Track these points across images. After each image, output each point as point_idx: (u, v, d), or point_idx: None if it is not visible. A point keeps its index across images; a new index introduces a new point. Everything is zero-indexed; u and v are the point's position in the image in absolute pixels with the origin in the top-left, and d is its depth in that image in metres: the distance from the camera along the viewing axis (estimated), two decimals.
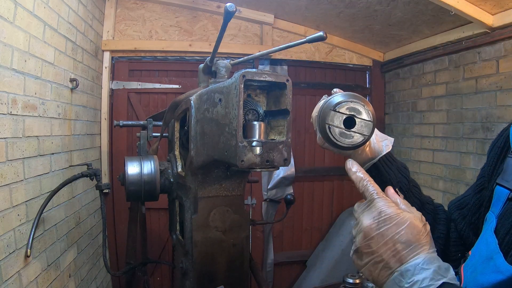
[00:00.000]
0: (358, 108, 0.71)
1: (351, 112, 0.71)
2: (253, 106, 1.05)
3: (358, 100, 0.71)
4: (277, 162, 0.96)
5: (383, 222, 0.56)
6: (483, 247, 0.62)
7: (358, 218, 0.60)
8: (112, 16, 2.87)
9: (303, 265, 3.42)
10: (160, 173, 1.48)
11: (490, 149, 0.77)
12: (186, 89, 2.62)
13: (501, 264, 0.55)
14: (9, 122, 1.48)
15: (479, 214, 0.75)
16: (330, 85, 3.40)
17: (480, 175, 0.80)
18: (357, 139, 0.72)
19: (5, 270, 1.43)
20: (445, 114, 2.76)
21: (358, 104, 0.71)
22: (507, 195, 0.63)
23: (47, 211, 1.83)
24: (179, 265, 1.45)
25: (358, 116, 0.71)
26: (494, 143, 0.77)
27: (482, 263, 0.59)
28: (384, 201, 0.58)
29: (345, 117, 0.71)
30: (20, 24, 1.55)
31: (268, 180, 3.23)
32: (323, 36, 1.11)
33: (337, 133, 0.71)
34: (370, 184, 0.60)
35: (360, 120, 0.71)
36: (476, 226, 0.77)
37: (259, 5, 2.97)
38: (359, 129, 0.71)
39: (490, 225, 0.63)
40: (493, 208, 0.66)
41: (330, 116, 0.71)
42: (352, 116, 0.71)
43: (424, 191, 0.89)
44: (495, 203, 0.66)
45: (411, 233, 0.55)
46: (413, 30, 2.79)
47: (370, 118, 0.71)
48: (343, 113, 0.71)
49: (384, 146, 0.82)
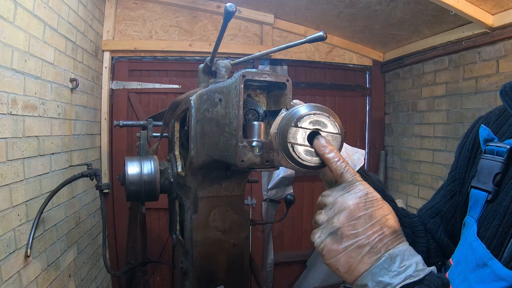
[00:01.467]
0: (322, 121, 0.62)
1: (315, 126, 0.62)
2: (253, 106, 1.05)
3: (321, 112, 0.63)
4: (277, 162, 0.96)
5: (371, 203, 0.51)
6: (469, 253, 0.58)
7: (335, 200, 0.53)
8: (112, 16, 2.87)
9: (303, 265, 3.42)
10: (160, 173, 1.48)
11: (459, 152, 0.74)
12: (186, 89, 2.62)
13: (500, 271, 0.50)
14: (9, 122, 1.48)
15: (455, 220, 0.72)
16: (330, 85, 3.41)
17: (450, 179, 0.76)
18: None
19: (5, 270, 1.43)
20: (445, 114, 2.76)
21: (322, 116, 0.62)
22: (485, 198, 0.60)
23: (47, 211, 1.82)
24: (179, 265, 1.45)
25: (323, 130, 0.62)
26: (461, 146, 0.74)
27: (473, 271, 0.55)
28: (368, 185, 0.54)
29: (309, 132, 0.62)
30: (20, 24, 1.55)
31: (268, 180, 3.23)
32: (323, 36, 1.11)
33: (302, 152, 0.62)
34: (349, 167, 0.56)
35: (327, 134, 0.62)
36: (453, 233, 0.74)
37: (259, 5, 2.97)
38: None
39: (471, 229, 0.60)
40: (471, 212, 0.62)
41: (291, 133, 0.62)
42: (316, 131, 0.62)
43: (424, 191, 0.88)
44: (472, 207, 0.62)
45: (395, 220, 0.52)
46: (413, 30, 2.79)
47: (337, 131, 0.63)
48: (306, 128, 0.62)
49: (356, 160, 0.76)
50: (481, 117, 0.73)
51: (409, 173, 3.14)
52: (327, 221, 0.54)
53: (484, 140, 0.65)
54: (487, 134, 0.65)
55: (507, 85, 0.65)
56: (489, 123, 0.69)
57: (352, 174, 0.55)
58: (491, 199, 0.59)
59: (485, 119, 0.71)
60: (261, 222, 3.00)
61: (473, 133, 0.71)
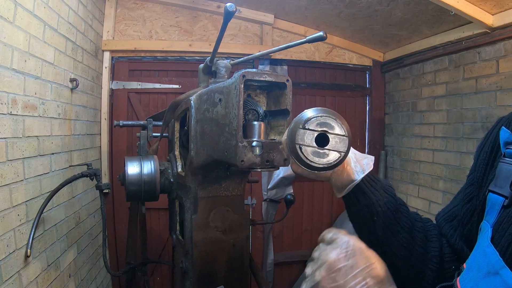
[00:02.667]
0: (329, 123, 0.64)
1: (322, 128, 0.64)
2: (253, 106, 1.05)
3: (329, 114, 0.64)
4: (277, 162, 0.96)
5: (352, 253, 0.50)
6: (482, 260, 0.56)
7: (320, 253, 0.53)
8: (112, 16, 2.87)
9: (303, 265, 3.42)
10: (160, 173, 1.48)
11: (478, 155, 0.72)
12: (186, 89, 2.62)
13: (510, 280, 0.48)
14: (9, 122, 1.48)
15: (471, 225, 0.70)
16: (330, 85, 3.41)
17: (468, 183, 0.74)
18: (333, 157, 0.65)
19: (5, 270, 1.43)
20: (445, 114, 2.76)
21: (329, 118, 0.64)
22: (502, 203, 0.59)
23: (47, 211, 1.83)
24: (179, 265, 1.45)
25: (331, 132, 0.64)
26: (481, 148, 0.72)
27: (484, 278, 0.53)
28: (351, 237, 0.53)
29: (317, 134, 0.64)
30: (20, 24, 1.55)
31: (268, 180, 3.23)
32: (323, 36, 1.11)
33: (310, 153, 0.64)
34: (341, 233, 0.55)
35: (334, 135, 0.64)
36: (469, 238, 0.71)
37: (259, 5, 2.97)
38: (333, 146, 0.64)
39: (486, 235, 0.58)
40: (487, 217, 0.61)
41: (299, 135, 0.63)
42: (324, 133, 0.64)
43: (424, 191, 0.88)
44: (489, 212, 0.61)
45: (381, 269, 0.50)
46: (413, 30, 2.79)
47: (344, 133, 0.64)
48: (314, 130, 0.64)
49: (365, 165, 0.75)
50: (503, 118, 0.71)
51: (409, 173, 3.14)
52: (311, 275, 0.53)
53: (505, 143, 0.63)
54: (508, 136, 0.63)
55: None
56: (510, 124, 0.66)
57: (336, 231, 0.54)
58: (508, 204, 0.58)
59: (507, 120, 0.68)
60: (261, 222, 3.00)
61: (494, 134, 0.69)
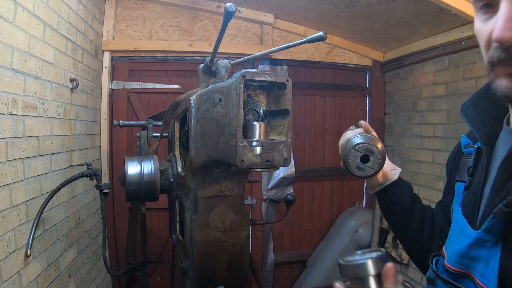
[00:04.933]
0: (372, 150, 0.92)
1: (366, 152, 0.92)
2: (253, 106, 1.05)
3: (373, 143, 0.93)
4: (277, 162, 0.96)
5: None
6: (455, 227, 0.77)
7: None
8: (112, 16, 2.87)
9: (303, 265, 3.42)
10: (160, 173, 1.48)
11: (447, 162, 0.95)
12: (186, 89, 2.62)
13: (468, 232, 0.69)
14: (9, 122, 1.48)
15: (448, 209, 0.90)
16: (330, 85, 3.41)
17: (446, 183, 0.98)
18: (368, 172, 0.93)
19: (5, 270, 1.43)
20: (445, 114, 2.76)
21: (372, 147, 0.92)
22: (463, 186, 0.80)
23: (47, 211, 1.82)
24: (179, 265, 1.45)
25: (371, 156, 0.92)
26: (449, 157, 0.95)
27: (457, 237, 0.74)
28: None
29: (361, 155, 0.92)
30: (20, 24, 1.55)
31: (268, 180, 3.23)
32: (323, 36, 1.12)
33: (354, 167, 0.93)
34: None
35: (373, 158, 0.92)
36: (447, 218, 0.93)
37: (259, 5, 2.97)
38: (371, 165, 0.92)
39: (457, 211, 0.78)
40: (455, 199, 0.82)
41: (351, 153, 0.93)
42: (367, 155, 0.92)
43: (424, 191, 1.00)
44: (456, 195, 0.82)
45: None
46: (413, 30, 2.79)
47: (380, 158, 0.92)
48: (360, 152, 0.92)
49: (393, 174, 1.02)
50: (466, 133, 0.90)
51: (409, 173, 3.14)
52: None
53: (464, 145, 0.85)
54: (465, 140, 0.85)
55: (465, 103, 0.81)
56: (470, 134, 0.87)
57: None
58: (467, 186, 0.79)
59: (468, 132, 0.89)
60: (261, 222, 3.00)
61: (458, 144, 0.91)
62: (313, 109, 3.41)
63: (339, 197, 3.52)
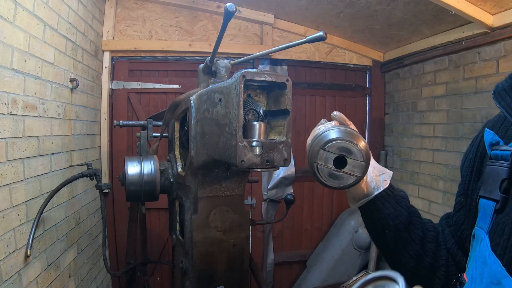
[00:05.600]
0: (349, 148, 0.65)
1: (341, 152, 0.65)
2: (253, 106, 1.05)
3: (350, 139, 0.66)
4: (277, 162, 0.96)
5: None
6: (484, 270, 0.53)
7: None
8: (112, 16, 2.87)
9: (303, 265, 3.42)
10: (160, 173, 1.48)
11: (462, 164, 0.72)
12: (186, 89, 2.62)
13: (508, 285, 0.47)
14: (9, 122, 1.48)
15: (462, 232, 0.71)
16: (330, 85, 3.41)
17: (458, 192, 0.73)
18: (346, 181, 0.66)
19: (5, 270, 1.43)
20: (445, 114, 2.76)
21: (350, 144, 0.65)
22: (493, 207, 0.56)
23: (47, 211, 1.82)
24: (179, 265, 1.45)
25: (349, 157, 0.65)
26: (465, 156, 0.71)
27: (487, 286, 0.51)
28: None
29: (335, 156, 0.66)
30: (20, 24, 1.55)
31: (268, 180, 3.23)
32: (323, 36, 1.11)
33: (326, 174, 0.66)
34: None
35: (352, 160, 0.65)
36: (461, 243, 0.72)
37: (259, 5, 2.97)
38: (350, 169, 0.66)
39: (484, 243, 0.55)
40: (480, 223, 0.58)
41: (319, 155, 0.66)
42: (343, 156, 0.66)
43: (424, 191, 0.89)
44: (482, 218, 0.58)
45: None
46: (413, 30, 2.79)
47: (362, 159, 0.65)
48: (333, 153, 0.66)
49: (381, 181, 0.75)
50: (489, 121, 0.69)
51: (409, 173, 3.14)
52: None
53: (490, 144, 0.61)
54: (492, 137, 0.61)
55: (499, 86, 0.63)
56: (494, 127, 0.64)
57: None
58: (500, 208, 0.55)
59: (491, 123, 0.67)
60: (261, 222, 2.99)
61: (478, 139, 0.67)
62: (313, 109, 3.41)
63: (339, 197, 3.51)
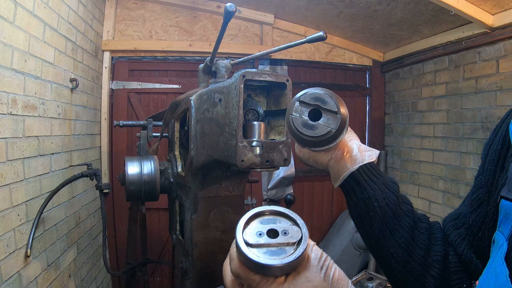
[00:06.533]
0: (324, 99, 0.64)
1: (315, 102, 0.64)
2: (253, 106, 1.05)
3: (326, 92, 0.65)
4: (277, 162, 0.96)
5: None
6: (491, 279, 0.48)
7: None
8: (112, 16, 2.87)
9: None
10: (160, 173, 1.48)
11: (486, 154, 0.63)
12: (186, 89, 2.62)
13: None
14: (9, 122, 1.48)
15: (482, 234, 0.61)
16: (330, 85, 3.41)
17: (476, 186, 0.64)
18: (321, 131, 0.63)
19: (5, 270, 1.43)
20: (445, 114, 2.76)
21: (325, 95, 0.64)
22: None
23: (47, 211, 1.82)
24: (179, 265, 1.45)
25: (323, 107, 0.64)
26: (488, 146, 0.63)
27: None
28: None
29: (310, 109, 0.65)
30: (20, 24, 1.55)
31: (268, 180, 3.23)
32: (323, 36, 1.11)
33: (300, 124, 0.64)
34: None
35: (327, 111, 0.64)
36: (479, 248, 0.62)
37: (259, 5, 2.97)
38: (325, 122, 0.64)
39: (500, 250, 0.49)
40: (501, 228, 0.52)
41: (294, 107, 0.65)
42: (317, 108, 0.64)
43: (424, 191, 0.87)
44: (503, 221, 0.51)
45: None
46: (413, 30, 2.79)
47: (336, 110, 0.63)
48: (308, 103, 0.64)
49: (367, 156, 0.70)
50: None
51: (409, 173, 3.14)
52: None
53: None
54: None
55: None
56: None
57: None
58: None
59: None
60: None
61: (502, 130, 0.60)
62: None
63: (339, 197, 3.51)
